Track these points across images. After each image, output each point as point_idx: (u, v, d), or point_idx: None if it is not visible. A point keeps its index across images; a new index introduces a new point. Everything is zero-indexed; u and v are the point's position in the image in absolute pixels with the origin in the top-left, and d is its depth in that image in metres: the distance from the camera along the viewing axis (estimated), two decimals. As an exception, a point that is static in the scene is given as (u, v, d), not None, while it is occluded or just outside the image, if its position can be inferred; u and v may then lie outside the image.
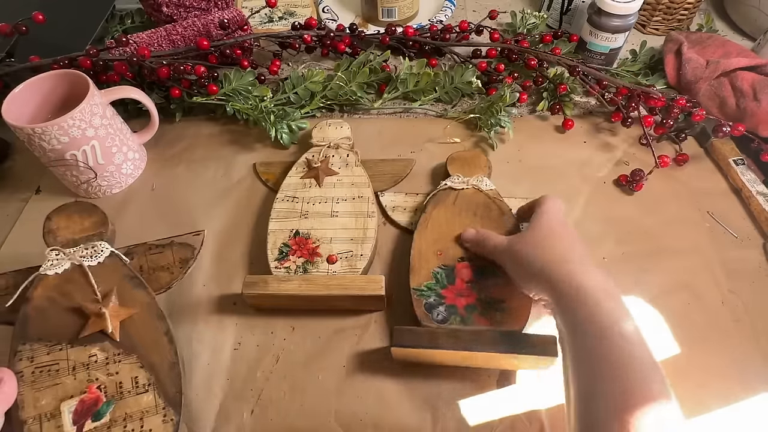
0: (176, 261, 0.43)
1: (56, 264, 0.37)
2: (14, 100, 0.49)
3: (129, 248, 0.42)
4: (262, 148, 0.60)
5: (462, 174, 0.50)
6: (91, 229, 0.40)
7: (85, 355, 0.35)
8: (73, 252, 0.38)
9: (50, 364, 0.34)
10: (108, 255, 0.38)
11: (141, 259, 0.42)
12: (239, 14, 0.64)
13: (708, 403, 0.40)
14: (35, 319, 0.35)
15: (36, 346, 0.35)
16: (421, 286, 0.42)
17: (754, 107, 0.54)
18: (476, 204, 0.48)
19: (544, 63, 0.62)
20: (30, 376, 0.34)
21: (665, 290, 0.47)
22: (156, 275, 0.41)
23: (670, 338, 0.44)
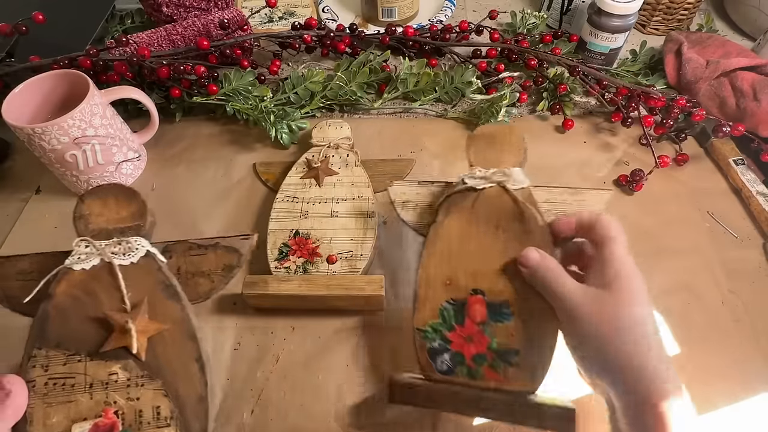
0: (219, 267, 0.36)
1: (85, 258, 0.31)
2: (14, 100, 0.49)
3: (168, 244, 0.36)
4: (262, 148, 0.60)
5: (485, 162, 0.38)
6: (127, 221, 0.34)
7: (104, 372, 0.31)
8: (105, 247, 0.32)
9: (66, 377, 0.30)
10: (143, 254, 0.33)
11: (180, 259, 0.35)
12: (239, 14, 0.64)
13: (709, 402, 0.40)
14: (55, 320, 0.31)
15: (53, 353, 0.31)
16: (426, 327, 0.35)
17: (754, 107, 0.54)
18: (500, 211, 0.36)
19: (544, 63, 0.62)
20: (42, 387, 0.30)
21: (665, 290, 0.47)
22: (194, 281, 0.35)
23: (670, 338, 0.44)
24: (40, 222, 0.53)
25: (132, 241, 0.33)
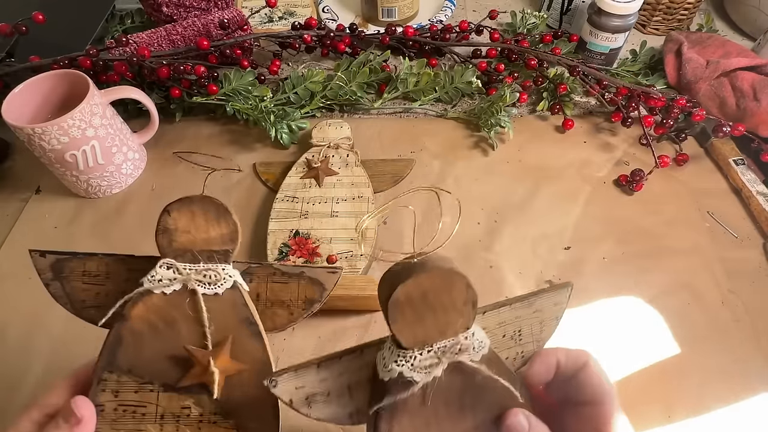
0: (300, 299, 0.32)
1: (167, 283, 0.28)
2: (14, 100, 0.49)
3: (250, 267, 0.32)
4: (262, 148, 0.60)
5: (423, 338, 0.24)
6: (216, 243, 0.29)
7: (177, 405, 0.29)
8: (189, 272, 0.28)
9: (137, 405, 0.29)
10: (230, 286, 0.29)
11: (261, 285, 0.32)
12: (239, 14, 0.64)
13: (708, 403, 0.40)
14: (129, 346, 0.29)
15: (124, 379, 0.29)
16: None
17: (754, 107, 0.54)
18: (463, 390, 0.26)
19: (544, 63, 0.62)
20: (112, 412, 0.28)
21: (665, 290, 0.47)
22: (272, 311, 0.32)
23: (670, 338, 0.44)
24: (40, 222, 0.53)
25: (220, 269, 0.29)
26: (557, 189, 0.55)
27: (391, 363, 0.24)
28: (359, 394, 0.27)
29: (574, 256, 0.49)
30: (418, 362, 0.24)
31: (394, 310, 0.24)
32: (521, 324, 0.29)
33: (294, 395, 0.27)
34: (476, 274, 0.48)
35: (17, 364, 0.44)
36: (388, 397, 0.24)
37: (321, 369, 0.26)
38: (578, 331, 0.45)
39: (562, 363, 0.26)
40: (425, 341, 0.24)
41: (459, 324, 0.24)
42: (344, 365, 0.27)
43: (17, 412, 0.26)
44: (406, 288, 0.23)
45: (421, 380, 0.24)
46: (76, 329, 0.45)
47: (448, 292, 0.24)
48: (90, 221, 0.53)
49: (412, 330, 0.24)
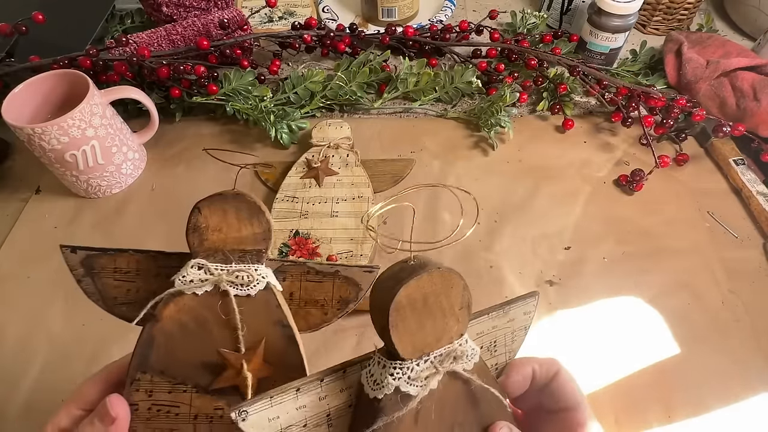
0: (335, 298, 0.32)
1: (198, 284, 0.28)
2: (14, 100, 0.49)
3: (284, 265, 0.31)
4: (262, 148, 0.60)
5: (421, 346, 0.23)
6: (249, 243, 0.29)
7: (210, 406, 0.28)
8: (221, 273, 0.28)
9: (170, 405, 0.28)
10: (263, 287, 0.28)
11: (294, 284, 0.31)
12: (239, 14, 0.64)
13: (708, 403, 0.40)
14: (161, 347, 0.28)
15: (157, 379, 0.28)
16: None
17: (754, 107, 0.54)
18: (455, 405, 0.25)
19: (544, 63, 0.62)
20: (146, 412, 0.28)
21: (665, 290, 0.47)
22: (306, 311, 0.31)
23: (670, 338, 0.44)
24: (40, 222, 0.53)
25: (252, 270, 0.28)
26: (557, 189, 0.55)
27: (385, 377, 0.22)
28: (338, 422, 0.24)
29: (574, 256, 0.49)
30: (416, 374, 0.23)
31: (395, 315, 0.22)
32: (496, 334, 0.28)
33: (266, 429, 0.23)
34: (476, 274, 0.48)
35: (16, 363, 0.44)
36: (382, 417, 0.22)
37: (301, 394, 0.23)
38: (579, 331, 0.45)
39: (536, 372, 0.27)
40: (423, 350, 0.23)
41: (455, 330, 0.23)
42: (326, 389, 0.24)
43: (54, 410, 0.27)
44: (409, 290, 0.22)
45: (418, 394, 0.22)
46: (75, 329, 0.45)
47: (447, 295, 0.23)
48: (90, 221, 0.53)
49: (412, 338, 0.22)
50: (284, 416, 0.23)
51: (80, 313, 0.46)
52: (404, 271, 0.22)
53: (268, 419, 0.23)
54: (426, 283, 0.22)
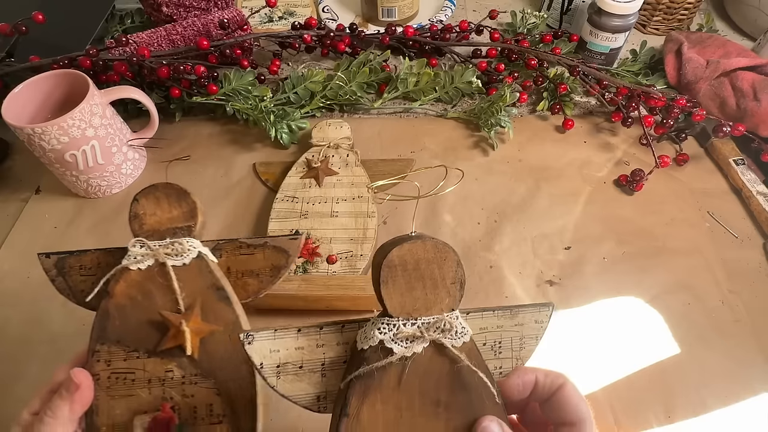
0: (267, 267, 0.35)
1: (140, 259, 0.32)
2: (14, 100, 0.49)
3: (218, 243, 0.35)
4: (262, 148, 0.60)
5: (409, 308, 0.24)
6: (179, 221, 0.34)
7: (161, 369, 0.32)
8: (158, 247, 0.32)
9: (126, 372, 0.32)
10: (195, 256, 0.33)
11: (229, 259, 0.35)
12: (239, 14, 0.64)
13: (708, 403, 0.40)
14: (115, 318, 0.32)
15: (114, 349, 0.32)
16: None
17: (754, 107, 0.54)
18: (439, 380, 0.25)
19: (544, 63, 0.62)
20: (106, 380, 0.31)
21: (665, 290, 0.47)
22: (243, 281, 0.35)
23: (670, 338, 0.44)
24: (40, 222, 0.53)
25: (184, 242, 0.33)
26: (557, 189, 0.55)
27: (374, 331, 0.24)
28: (332, 375, 0.26)
29: (574, 256, 0.49)
30: (401, 333, 0.24)
31: (386, 271, 0.24)
32: (502, 335, 0.28)
33: (266, 359, 0.26)
34: (476, 273, 0.48)
35: (17, 360, 0.44)
36: (365, 365, 0.24)
37: (300, 335, 0.26)
38: (578, 331, 0.45)
39: (540, 382, 0.26)
40: (411, 313, 0.24)
41: (445, 303, 0.25)
42: (324, 338, 0.26)
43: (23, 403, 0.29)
44: (402, 251, 0.24)
45: (401, 353, 0.24)
46: (75, 328, 0.45)
47: (440, 266, 0.24)
48: (90, 221, 0.53)
49: (401, 297, 0.24)
50: (284, 352, 0.26)
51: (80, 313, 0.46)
52: (402, 239, 0.24)
53: (269, 350, 0.25)
54: (419, 249, 0.24)
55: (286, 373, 0.26)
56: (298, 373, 0.26)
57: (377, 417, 0.24)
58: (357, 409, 0.24)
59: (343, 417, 0.24)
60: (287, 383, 0.26)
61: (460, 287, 0.25)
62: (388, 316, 0.24)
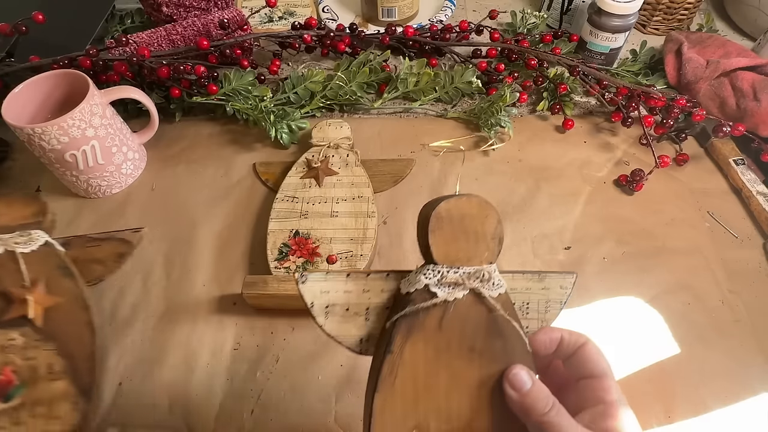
0: (112, 255, 0.42)
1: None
2: (14, 100, 0.49)
3: (67, 239, 0.42)
4: (262, 148, 0.60)
5: (453, 257, 0.27)
6: (30, 218, 0.41)
7: (4, 338, 0.36)
8: (8, 238, 0.38)
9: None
10: (42, 243, 0.39)
11: (77, 251, 0.42)
12: (239, 14, 0.64)
13: (708, 403, 0.40)
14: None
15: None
16: None
17: (754, 107, 0.54)
18: (475, 327, 0.27)
19: (544, 63, 0.62)
20: None
21: (665, 290, 0.47)
22: (90, 267, 0.42)
23: (670, 338, 0.44)
24: (40, 222, 0.53)
25: (33, 233, 0.39)
26: (557, 189, 0.55)
27: (420, 276, 0.26)
28: (375, 319, 0.28)
29: (574, 256, 0.49)
30: (444, 279, 0.26)
31: (434, 221, 0.26)
32: (530, 297, 0.30)
33: (316, 299, 0.28)
34: (476, 274, 0.48)
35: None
36: (411, 305, 0.26)
37: (349, 280, 0.28)
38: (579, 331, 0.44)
39: (565, 339, 0.28)
40: (454, 262, 0.27)
41: (485, 256, 0.27)
42: (370, 283, 0.28)
43: None
44: (449, 205, 0.26)
45: (443, 296, 0.26)
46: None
47: (482, 222, 0.27)
48: (90, 221, 0.53)
49: (446, 246, 0.26)
50: (333, 294, 0.28)
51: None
52: (448, 196, 0.27)
53: (320, 290, 0.28)
54: (465, 205, 0.26)
55: (334, 314, 0.28)
56: (344, 315, 0.28)
57: (418, 356, 0.26)
58: (401, 347, 0.26)
59: (387, 354, 0.26)
60: (334, 323, 0.28)
61: (499, 243, 0.27)
62: (433, 263, 0.26)
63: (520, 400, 0.25)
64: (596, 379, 0.26)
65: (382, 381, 0.26)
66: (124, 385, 0.42)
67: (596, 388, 0.26)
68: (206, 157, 0.59)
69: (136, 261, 0.50)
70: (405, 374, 0.26)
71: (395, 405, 0.25)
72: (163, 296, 0.47)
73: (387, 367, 0.26)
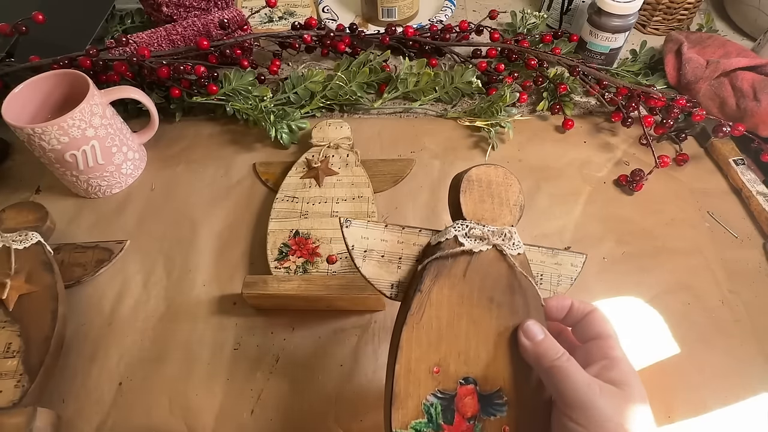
0: (93, 261, 0.49)
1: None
2: (14, 100, 0.49)
3: (60, 245, 0.49)
4: (262, 148, 0.60)
5: (480, 216, 0.31)
6: (32, 223, 0.48)
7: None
8: (8, 237, 0.45)
9: None
10: (35, 242, 0.46)
11: (65, 254, 0.49)
12: (239, 14, 0.64)
13: (708, 403, 0.40)
14: None
15: None
16: (408, 429, 0.27)
17: (754, 107, 0.54)
18: (496, 280, 0.30)
19: (544, 63, 0.62)
20: None
21: (665, 290, 0.47)
22: (71, 269, 0.48)
23: (670, 338, 0.44)
24: (40, 222, 0.53)
25: (29, 234, 0.46)
26: (557, 189, 0.55)
27: (449, 229, 0.30)
28: (405, 268, 0.31)
29: (574, 256, 0.49)
30: (471, 233, 0.30)
31: (466, 183, 0.31)
32: (543, 269, 0.34)
33: (357, 243, 0.31)
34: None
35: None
36: (440, 252, 0.29)
37: (386, 231, 0.32)
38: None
39: (574, 306, 0.30)
40: (480, 220, 0.31)
41: (507, 219, 0.31)
42: (404, 236, 0.32)
43: None
44: (479, 171, 0.32)
45: (470, 246, 0.29)
46: (73, 327, 0.45)
47: (506, 189, 0.32)
48: (90, 221, 0.53)
49: (474, 205, 0.31)
50: (371, 240, 0.31)
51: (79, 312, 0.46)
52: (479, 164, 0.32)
53: (361, 236, 0.31)
54: (492, 172, 0.32)
55: (371, 258, 0.31)
56: (379, 261, 0.31)
57: (443, 299, 0.29)
58: (429, 288, 0.29)
59: (416, 292, 0.29)
60: (370, 267, 0.31)
61: (520, 210, 0.32)
62: (462, 219, 0.31)
63: (533, 348, 0.28)
64: (602, 339, 0.29)
65: (411, 316, 0.28)
66: (124, 385, 0.42)
67: (602, 346, 0.28)
68: (206, 157, 0.59)
69: (136, 261, 0.50)
70: (431, 313, 0.29)
71: (420, 340, 0.28)
72: (163, 296, 0.47)
73: (415, 304, 0.29)
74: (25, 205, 0.49)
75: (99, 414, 0.41)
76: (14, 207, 0.49)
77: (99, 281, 0.48)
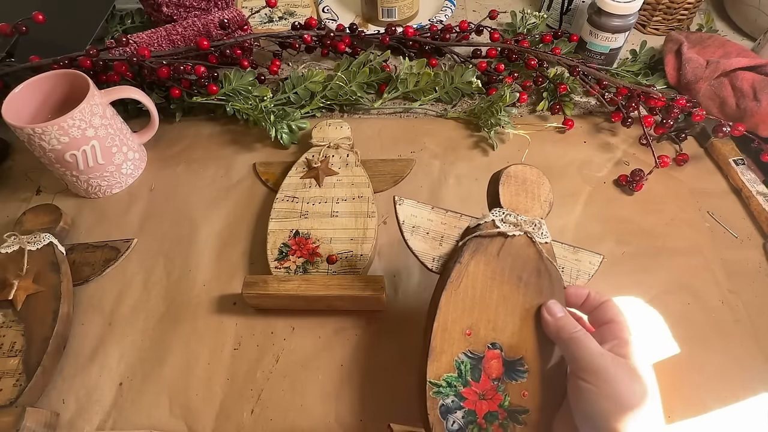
0: (101, 260, 0.49)
1: (9, 244, 0.47)
2: (14, 100, 0.49)
3: (73, 245, 0.50)
4: (262, 148, 0.60)
5: (515, 207, 0.36)
6: (46, 224, 0.49)
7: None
8: (24, 238, 0.47)
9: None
10: (46, 243, 0.47)
11: (77, 255, 0.49)
12: (239, 14, 0.64)
13: (708, 403, 0.40)
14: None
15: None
16: (440, 380, 0.31)
17: (754, 107, 0.54)
18: (525, 263, 0.34)
19: (544, 63, 0.62)
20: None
21: (665, 290, 0.47)
22: (81, 268, 0.48)
23: (670, 338, 0.44)
24: (40, 222, 0.53)
25: (42, 235, 0.47)
26: (557, 189, 0.54)
27: (488, 215, 0.35)
28: (446, 246, 0.37)
29: (574, 256, 0.49)
30: (507, 219, 0.35)
31: (505, 177, 0.36)
32: (564, 263, 0.39)
33: (407, 219, 0.37)
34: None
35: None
36: (480, 231, 0.34)
37: (433, 211, 0.37)
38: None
39: (591, 295, 0.34)
40: (515, 209, 0.35)
41: (537, 212, 0.36)
42: (447, 219, 0.37)
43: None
44: (516, 168, 0.37)
45: (504, 229, 0.34)
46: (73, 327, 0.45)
47: (538, 187, 0.37)
48: (90, 221, 0.53)
49: (510, 197, 0.36)
50: (419, 219, 0.37)
51: (80, 312, 0.46)
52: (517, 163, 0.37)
53: (411, 213, 0.37)
54: (527, 171, 0.37)
55: (417, 234, 0.37)
56: (424, 236, 0.37)
57: (479, 272, 0.33)
58: (467, 261, 0.34)
59: (456, 263, 0.34)
60: (416, 241, 0.36)
61: (549, 205, 0.37)
62: (499, 207, 0.35)
63: (554, 323, 0.32)
64: (615, 323, 0.32)
65: (450, 283, 0.33)
66: (124, 385, 0.42)
67: (614, 329, 0.32)
68: (206, 157, 0.59)
69: (137, 261, 0.50)
70: (467, 283, 0.33)
71: (457, 304, 0.33)
72: (163, 296, 0.47)
73: (455, 273, 0.33)
74: (42, 208, 0.51)
75: (99, 414, 0.41)
76: (33, 210, 0.51)
77: (99, 281, 0.49)
